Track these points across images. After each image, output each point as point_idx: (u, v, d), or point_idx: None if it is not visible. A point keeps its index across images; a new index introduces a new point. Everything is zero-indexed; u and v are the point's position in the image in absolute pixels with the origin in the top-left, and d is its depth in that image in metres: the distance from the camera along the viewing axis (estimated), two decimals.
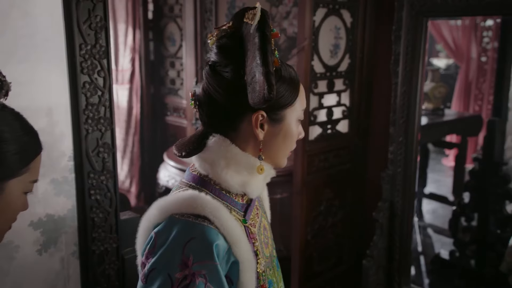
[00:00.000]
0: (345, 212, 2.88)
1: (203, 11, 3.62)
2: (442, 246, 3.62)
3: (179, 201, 0.84)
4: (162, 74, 4.11)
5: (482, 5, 1.99)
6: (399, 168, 2.34)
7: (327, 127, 2.72)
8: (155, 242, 0.81)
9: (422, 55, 2.24)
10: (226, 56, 0.86)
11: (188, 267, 0.77)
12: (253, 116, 0.86)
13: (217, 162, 0.88)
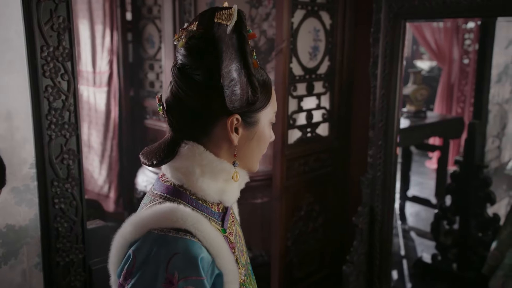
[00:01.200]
0: (326, 217, 2.85)
1: (182, 13, 3.56)
2: (425, 249, 3.61)
3: (156, 215, 0.78)
4: (141, 76, 4.04)
5: (460, 7, 1.98)
6: (379, 172, 2.32)
7: (306, 131, 2.69)
8: (134, 261, 0.76)
9: (401, 57, 2.22)
10: (196, 58, 0.82)
11: (174, 285, 0.73)
12: (228, 120, 0.83)
13: (191, 171, 0.84)
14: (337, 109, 2.78)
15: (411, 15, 2.14)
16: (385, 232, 2.37)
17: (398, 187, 4.23)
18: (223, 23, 0.78)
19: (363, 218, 2.35)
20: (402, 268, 3.40)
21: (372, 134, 2.33)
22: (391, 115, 2.27)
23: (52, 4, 1.40)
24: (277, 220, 2.58)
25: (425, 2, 2.07)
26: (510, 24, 3.13)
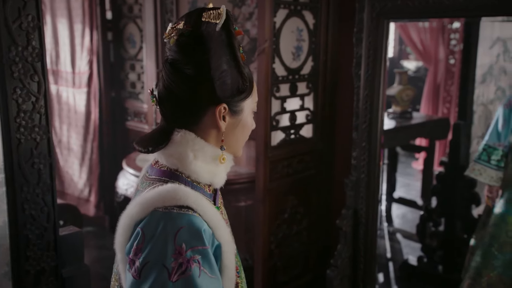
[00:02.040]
0: (310, 219, 2.84)
1: (164, 12, 3.53)
2: (411, 251, 3.62)
3: (160, 195, 0.87)
4: (122, 77, 3.99)
5: (443, 7, 1.98)
6: (363, 174, 2.32)
7: (290, 132, 2.68)
8: (143, 237, 0.84)
9: (384, 57, 2.22)
10: (187, 53, 0.91)
11: (182, 255, 0.81)
12: (216, 108, 0.93)
13: (185, 156, 0.93)
14: (321, 110, 2.77)
15: (394, 14, 2.14)
16: (370, 235, 2.36)
17: (384, 189, 4.24)
18: (211, 21, 0.89)
19: (347, 221, 2.34)
20: (388, 271, 3.40)
21: (356, 135, 2.33)
22: (375, 116, 2.26)
23: (21, 2, 1.36)
24: (260, 223, 2.56)
25: (408, 2, 2.07)
26: (494, 24, 3.16)
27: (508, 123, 2.41)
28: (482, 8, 1.89)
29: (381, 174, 4.26)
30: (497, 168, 2.44)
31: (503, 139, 2.42)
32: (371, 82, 2.23)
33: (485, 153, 2.49)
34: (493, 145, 2.46)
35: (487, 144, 2.49)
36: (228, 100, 0.93)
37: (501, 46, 3.11)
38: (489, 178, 2.46)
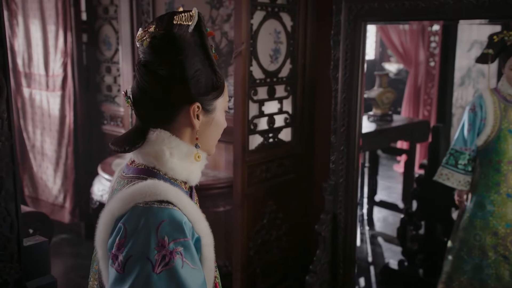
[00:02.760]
0: (290, 224, 2.82)
1: (140, 13, 3.48)
2: (392, 255, 3.63)
3: (141, 190, 0.90)
4: (97, 80, 3.93)
5: (418, 10, 1.99)
6: (341, 179, 2.31)
7: (268, 136, 2.66)
8: (125, 231, 0.86)
9: (362, 60, 2.22)
10: (160, 55, 0.95)
11: (165, 247, 0.84)
12: (190, 107, 0.97)
13: (161, 153, 0.97)
14: (300, 114, 2.76)
15: (371, 17, 2.14)
16: (349, 239, 2.35)
17: (366, 192, 4.26)
18: (183, 23, 0.93)
19: (326, 225, 2.33)
20: (370, 275, 3.40)
21: (334, 139, 2.32)
22: (353, 119, 2.26)
23: None
24: (238, 229, 2.53)
25: (384, 4, 2.07)
26: (472, 27, 3.20)
27: (473, 127, 2.44)
28: (457, 11, 1.91)
29: (363, 177, 4.30)
30: (464, 172, 2.46)
31: (469, 143, 2.44)
32: (349, 85, 2.23)
33: (452, 157, 2.51)
34: (459, 149, 2.48)
35: (453, 148, 2.51)
36: (201, 98, 0.98)
37: (479, 49, 3.14)
38: (457, 182, 2.49)
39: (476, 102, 2.44)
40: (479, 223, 2.43)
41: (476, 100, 2.44)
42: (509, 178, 2.33)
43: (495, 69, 2.58)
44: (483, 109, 2.39)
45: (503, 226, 2.36)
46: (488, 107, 2.36)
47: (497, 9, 1.83)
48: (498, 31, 2.34)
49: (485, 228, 2.41)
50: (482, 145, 2.41)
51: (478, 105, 2.42)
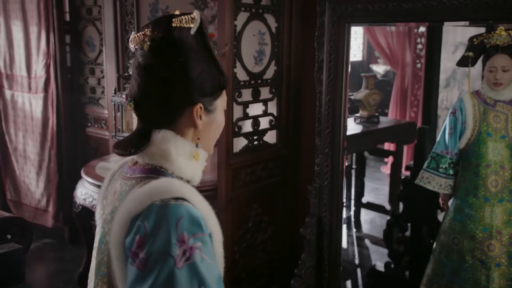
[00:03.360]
0: (275, 228, 2.80)
1: (124, 14, 3.45)
2: (379, 257, 3.62)
3: (157, 188, 0.91)
4: (81, 82, 3.88)
5: (402, 12, 1.98)
6: (326, 181, 2.29)
7: (253, 138, 2.63)
8: (145, 229, 0.87)
9: (346, 62, 2.21)
10: (161, 58, 0.96)
11: (185, 242, 0.86)
12: (193, 108, 0.99)
13: (168, 152, 0.99)
14: (285, 116, 2.74)
15: (354, 18, 2.13)
16: (334, 242, 2.34)
17: (353, 194, 4.25)
18: (184, 26, 0.95)
19: (311, 229, 2.31)
20: (356, 278, 3.39)
21: (319, 141, 2.30)
22: (337, 121, 2.24)
23: None
24: (223, 233, 2.50)
25: (368, 6, 2.06)
26: (456, 29, 3.20)
27: (455, 131, 2.44)
28: (441, 13, 1.90)
29: (350, 179, 4.30)
30: (445, 176, 2.45)
31: (451, 147, 2.43)
32: (333, 87, 2.21)
33: (433, 161, 2.50)
34: (440, 153, 2.47)
35: (435, 152, 2.50)
36: (203, 99, 1.00)
37: (463, 51, 3.15)
38: (438, 186, 2.48)
39: (456, 106, 2.43)
40: (457, 227, 2.42)
41: (457, 104, 2.43)
42: (487, 182, 2.31)
43: (478, 71, 2.58)
44: (463, 112, 2.38)
45: (480, 230, 2.34)
46: (468, 110, 2.35)
47: (480, 11, 1.83)
48: (478, 34, 2.34)
49: (463, 231, 2.39)
50: (464, 148, 2.40)
51: (458, 108, 2.42)
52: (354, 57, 8.16)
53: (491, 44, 2.23)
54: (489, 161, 2.31)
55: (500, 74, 2.23)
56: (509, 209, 2.29)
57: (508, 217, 2.29)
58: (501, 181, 2.29)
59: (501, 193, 2.29)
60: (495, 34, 2.21)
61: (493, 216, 2.29)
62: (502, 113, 2.29)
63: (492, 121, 2.31)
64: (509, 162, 2.28)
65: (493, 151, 2.29)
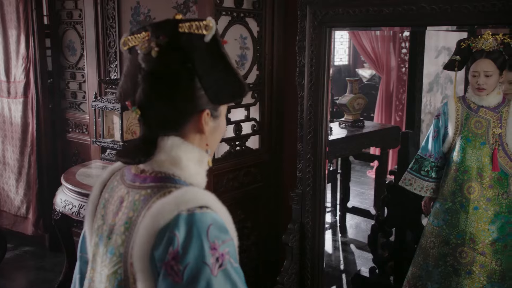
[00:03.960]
0: (259, 234, 2.77)
1: (105, 18, 3.40)
2: (364, 262, 3.61)
3: (183, 199, 0.91)
4: (62, 86, 3.81)
5: (383, 16, 1.97)
6: (308, 187, 2.27)
7: (235, 144, 2.61)
8: (178, 240, 0.88)
9: (327, 66, 2.19)
10: (168, 64, 0.94)
11: (217, 249, 0.88)
12: (202, 114, 0.98)
13: (179, 160, 0.97)
14: (267, 121, 2.72)
15: (335, 23, 2.12)
16: (316, 249, 2.31)
17: (338, 199, 4.24)
18: (195, 32, 0.91)
19: (293, 235, 2.28)
20: (341, 283, 3.38)
21: (301, 147, 2.28)
22: (319, 126, 2.23)
23: None
24: None
25: (349, 10, 2.05)
26: (439, 34, 3.22)
27: (438, 134, 2.43)
28: (421, 18, 1.90)
29: (336, 184, 4.28)
30: (427, 179, 2.45)
31: (433, 150, 2.42)
32: (315, 92, 2.19)
33: (416, 163, 2.49)
34: (424, 155, 2.47)
35: (419, 154, 2.50)
36: (212, 105, 0.99)
37: (446, 56, 3.16)
38: (419, 188, 2.48)
39: (441, 109, 2.42)
40: (434, 231, 2.41)
41: (442, 107, 2.43)
42: (463, 188, 2.30)
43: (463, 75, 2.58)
44: (446, 116, 2.38)
45: (454, 236, 2.33)
46: (451, 115, 2.35)
47: (460, 16, 1.82)
48: (465, 38, 2.34)
49: (438, 236, 2.39)
50: (447, 153, 2.40)
51: (442, 112, 2.41)
52: (340, 61, 8.18)
53: (477, 48, 2.22)
54: (466, 166, 2.29)
55: (482, 79, 2.21)
56: (484, 218, 2.26)
57: (483, 226, 2.26)
58: (478, 189, 2.26)
59: (477, 201, 2.27)
60: (482, 38, 2.20)
61: (468, 223, 2.27)
62: (484, 119, 2.28)
63: (473, 126, 2.29)
64: (488, 169, 2.25)
65: (471, 157, 2.27)
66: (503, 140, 2.24)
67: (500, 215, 2.25)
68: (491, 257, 2.24)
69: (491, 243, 2.25)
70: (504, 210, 2.26)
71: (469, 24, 2.04)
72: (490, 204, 2.25)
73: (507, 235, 2.26)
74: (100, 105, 3.06)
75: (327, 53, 2.17)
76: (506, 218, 2.26)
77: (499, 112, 2.26)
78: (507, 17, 1.72)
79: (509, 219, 2.26)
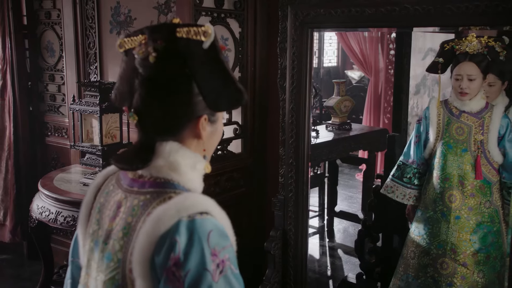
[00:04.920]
0: (241, 242, 2.69)
1: (84, 18, 3.34)
2: (351, 268, 3.57)
3: (183, 204, 0.92)
4: (40, 89, 3.74)
5: (365, 17, 1.93)
6: (291, 193, 2.22)
7: (216, 148, 2.55)
8: (179, 246, 0.88)
9: (309, 68, 2.15)
10: (166, 69, 0.94)
11: (217, 256, 0.89)
12: (199, 120, 0.98)
13: (177, 165, 0.98)
14: (250, 124, 2.67)
15: (317, 23, 2.08)
16: (300, 257, 2.26)
17: (326, 203, 4.21)
18: (193, 38, 0.92)
19: (276, 243, 2.24)
20: None
21: (283, 151, 2.23)
22: (302, 130, 2.18)
23: None
24: None
25: (331, 11, 2.01)
26: (426, 35, 3.19)
27: (420, 140, 2.37)
28: (404, 18, 1.86)
29: (323, 188, 4.25)
30: (409, 186, 2.38)
31: (415, 156, 2.36)
32: (297, 95, 2.15)
33: (398, 170, 2.43)
34: (406, 162, 2.40)
35: (401, 161, 2.44)
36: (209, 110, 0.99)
37: (433, 57, 3.13)
38: (402, 196, 2.41)
39: (423, 114, 2.37)
40: (415, 241, 2.35)
41: (424, 112, 2.37)
42: (444, 197, 2.23)
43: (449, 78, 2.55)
44: (427, 121, 2.33)
45: (435, 247, 2.27)
46: (432, 120, 2.29)
47: (443, 17, 1.79)
48: (449, 39, 2.29)
49: (419, 246, 2.32)
50: (429, 159, 2.35)
51: (424, 117, 2.36)
52: (329, 62, 8.17)
53: (460, 50, 2.15)
54: (447, 174, 2.23)
55: (465, 83, 2.14)
56: (466, 228, 2.20)
57: (465, 236, 2.20)
58: (459, 197, 2.20)
59: (459, 210, 2.20)
60: (466, 40, 2.15)
61: (449, 233, 2.21)
62: (466, 125, 2.21)
63: (454, 132, 2.24)
64: (470, 177, 2.19)
65: (452, 164, 2.21)
66: (485, 147, 2.18)
67: (482, 224, 2.19)
68: (473, 269, 2.18)
69: (473, 254, 2.19)
70: (487, 220, 2.20)
71: (452, 25, 2.02)
72: (472, 213, 2.19)
73: (490, 246, 2.21)
74: (78, 108, 2.98)
75: (309, 54, 2.13)
76: (489, 228, 2.21)
77: (482, 118, 2.19)
78: (491, 19, 1.69)
79: (491, 229, 2.21)
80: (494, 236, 2.21)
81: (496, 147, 2.17)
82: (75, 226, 2.87)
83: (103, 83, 2.83)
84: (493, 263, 2.21)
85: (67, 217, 2.83)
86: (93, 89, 2.86)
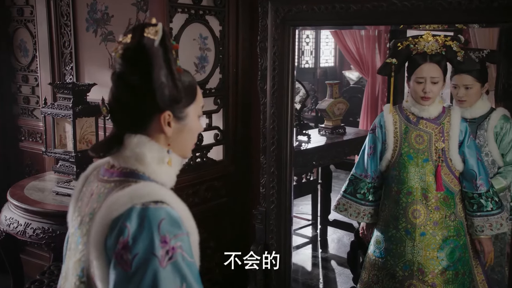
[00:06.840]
0: (223, 255, 2.62)
1: (59, 15, 3.25)
2: (345, 280, 3.48)
3: (138, 192, 1.00)
4: (13, 90, 3.65)
5: (350, 14, 1.85)
6: (273, 205, 2.13)
7: (195, 155, 2.46)
8: (128, 231, 0.95)
9: (292, 69, 2.06)
10: (131, 66, 1.04)
11: (167, 243, 0.95)
12: (161, 115, 1.06)
13: (142, 156, 1.07)
14: (232, 129, 2.59)
15: (300, 21, 2.00)
16: (282, 273, 2.17)
17: (319, 211, 4.12)
18: (151, 37, 1.02)
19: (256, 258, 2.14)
20: None
21: (264, 159, 2.14)
22: (283, 136, 2.09)
23: None
24: None
25: (314, 7, 1.93)
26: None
27: (375, 151, 2.17)
28: (391, 15, 1.78)
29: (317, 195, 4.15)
30: (363, 203, 2.22)
31: (370, 169, 2.18)
32: (278, 98, 2.06)
33: (351, 185, 2.25)
34: (359, 176, 2.23)
35: (353, 175, 2.26)
36: (174, 106, 1.07)
37: None
38: (355, 214, 2.25)
39: (377, 122, 2.18)
40: (377, 263, 2.20)
41: (377, 120, 2.19)
42: (408, 212, 2.08)
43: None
44: (383, 130, 2.13)
45: (401, 268, 2.12)
46: (388, 128, 2.10)
47: (434, 13, 1.71)
48: (403, 38, 2.08)
49: (382, 268, 2.17)
50: (385, 171, 2.17)
51: (378, 125, 2.16)
52: (326, 63, 8.09)
53: (418, 51, 1.99)
54: (410, 187, 2.07)
55: (429, 86, 1.98)
56: (432, 244, 2.07)
57: (432, 253, 2.07)
58: (424, 212, 2.06)
59: (424, 226, 2.06)
60: (422, 39, 1.98)
61: (415, 251, 2.07)
62: (425, 133, 2.06)
63: (414, 141, 2.07)
64: (433, 189, 2.05)
65: (414, 177, 2.06)
66: (446, 155, 2.05)
67: (448, 239, 2.07)
68: None
69: (441, 272, 2.06)
70: (453, 234, 2.08)
71: (444, 22, 1.92)
72: (438, 228, 2.06)
73: (457, 262, 2.09)
74: (50, 111, 2.88)
75: (291, 54, 2.04)
76: (455, 243, 2.08)
77: (441, 123, 2.06)
78: (485, 16, 1.60)
79: (457, 243, 2.09)
80: (461, 250, 2.10)
81: (457, 155, 2.05)
82: (45, 239, 2.78)
83: (77, 85, 2.74)
84: (462, 280, 2.09)
85: (37, 229, 2.73)
86: (66, 91, 2.77)
